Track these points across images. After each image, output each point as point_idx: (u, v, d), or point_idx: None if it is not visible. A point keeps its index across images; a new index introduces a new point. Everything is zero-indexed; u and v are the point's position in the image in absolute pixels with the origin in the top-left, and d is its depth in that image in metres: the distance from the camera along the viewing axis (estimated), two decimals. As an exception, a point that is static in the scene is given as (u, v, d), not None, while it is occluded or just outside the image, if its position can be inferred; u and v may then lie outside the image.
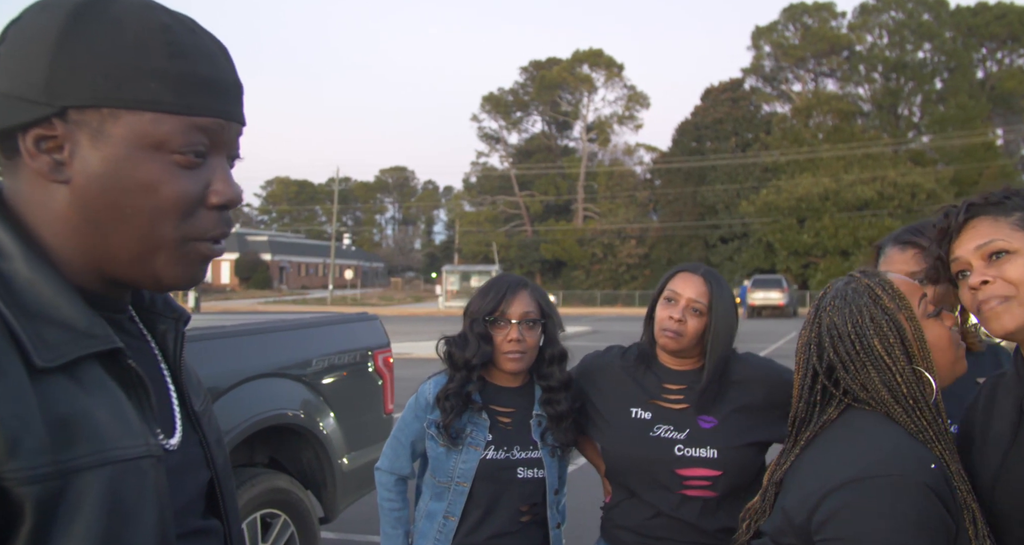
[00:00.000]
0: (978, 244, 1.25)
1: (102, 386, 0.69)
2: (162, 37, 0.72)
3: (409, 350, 14.19)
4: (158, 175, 0.72)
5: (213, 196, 0.75)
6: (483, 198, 56.31)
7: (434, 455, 1.98)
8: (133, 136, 0.71)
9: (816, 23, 49.00)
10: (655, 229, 47.44)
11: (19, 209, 0.72)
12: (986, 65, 48.39)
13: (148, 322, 0.84)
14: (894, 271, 1.69)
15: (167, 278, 0.75)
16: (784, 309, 29.13)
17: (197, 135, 0.73)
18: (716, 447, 1.83)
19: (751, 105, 49.58)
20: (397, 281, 66.86)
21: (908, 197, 39.74)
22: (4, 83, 0.70)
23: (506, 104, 56.44)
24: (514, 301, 1.96)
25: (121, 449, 0.67)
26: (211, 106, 0.74)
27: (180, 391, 0.83)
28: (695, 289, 1.89)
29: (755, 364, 1.98)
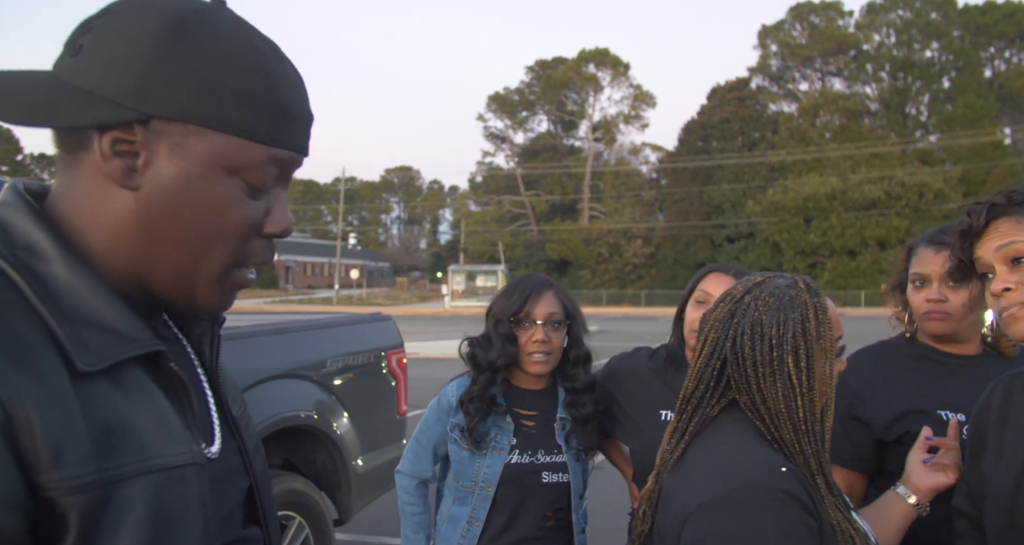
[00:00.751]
0: (999, 245, 1.23)
1: (145, 391, 0.67)
2: (258, 62, 0.71)
3: (416, 350, 14.19)
4: (227, 199, 0.71)
5: (270, 225, 0.75)
6: (489, 198, 56.32)
7: (457, 459, 1.94)
8: (214, 156, 0.69)
9: (823, 22, 48.87)
10: (661, 229, 47.35)
11: (66, 208, 0.70)
12: (994, 64, 48.18)
13: (182, 326, 0.82)
14: (927, 272, 1.69)
15: (201, 300, 0.74)
16: (791, 309, 28.96)
17: (272, 166, 0.73)
18: None
19: (758, 104, 49.46)
20: (403, 281, 66.93)
21: (916, 197, 39.61)
22: (88, 78, 0.67)
23: (512, 104, 56.44)
24: (539, 302, 1.93)
25: (165, 457, 0.65)
26: (291, 139, 0.74)
27: (217, 396, 0.81)
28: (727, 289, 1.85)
29: None
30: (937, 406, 1.66)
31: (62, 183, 0.71)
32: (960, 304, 1.65)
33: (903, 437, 1.68)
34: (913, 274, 1.74)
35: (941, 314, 1.67)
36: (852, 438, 1.75)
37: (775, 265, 40.93)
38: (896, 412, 1.69)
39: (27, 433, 0.58)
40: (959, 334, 1.71)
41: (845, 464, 1.78)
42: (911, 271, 1.75)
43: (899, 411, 1.69)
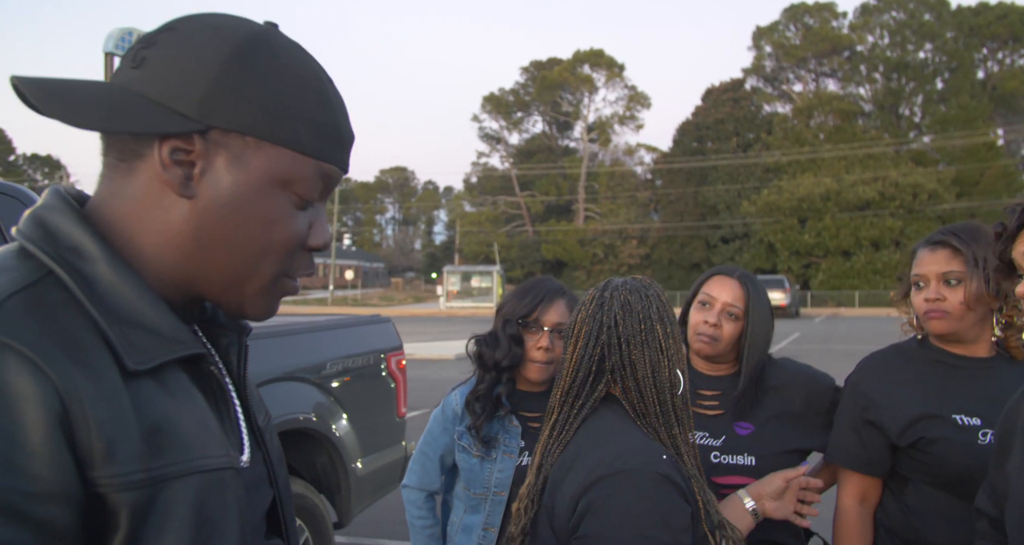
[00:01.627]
0: None
1: (187, 393, 0.69)
2: (317, 84, 0.75)
3: (412, 351, 14.16)
4: (279, 212, 0.73)
5: (313, 239, 0.77)
6: (484, 198, 56.31)
7: (467, 467, 1.92)
8: (270, 169, 0.72)
9: (817, 23, 48.99)
10: (656, 229, 47.41)
11: (115, 213, 0.71)
12: (987, 65, 48.36)
13: (210, 335, 0.83)
14: (924, 272, 1.70)
15: (251, 308, 0.76)
16: (786, 309, 29.05)
17: (320, 181, 0.76)
18: (754, 454, 1.78)
19: (752, 105, 49.56)
20: (398, 281, 66.85)
21: (910, 197, 39.74)
22: (152, 88, 0.69)
23: (507, 104, 56.45)
24: (550, 308, 1.91)
25: (206, 458, 0.66)
26: (337, 156, 0.77)
27: (245, 406, 0.81)
28: (731, 293, 1.83)
29: (792, 369, 1.92)
30: (952, 410, 1.66)
31: (111, 189, 0.72)
32: (958, 302, 1.65)
33: (918, 442, 1.67)
34: (913, 276, 1.74)
35: (940, 313, 1.67)
36: (866, 443, 1.75)
37: (770, 266, 41.05)
38: (910, 417, 1.68)
39: (83, 428, 0.59)
40: (963, 333, 1.70)
41: (859, 469, 1.77)
42: (912, 273, 1.75)
43: (913, 416, 1.68)
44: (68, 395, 0.59)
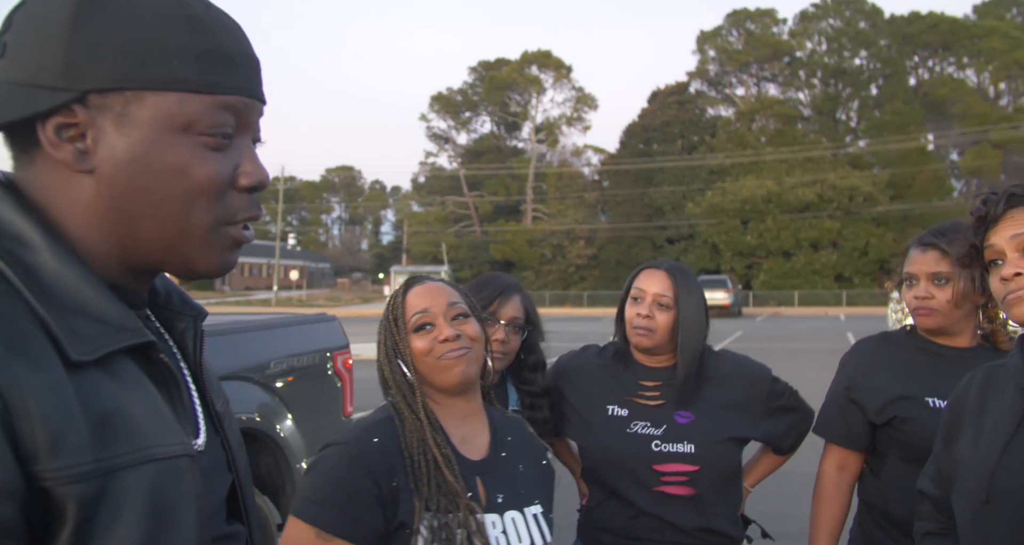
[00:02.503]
0: (1014, 233, 1.27)
1: (137, 381, 0.67)
2: (180, 11, 0.68)
3: (359, 351, 13.97)
4: (188, 158, 0.69)
5: (243, 178, 0.73)
6: (432, 198, 56.10)
7: None
8: (160, 118, 0.68)
9: (759, 29, 50.21)
10: (604, 230, 47.91)
11: (40, 200, 0.69)
12: (919, 72, 50.25)
13: (165, 320, 0.81)
14: (915, 271, 1.83)
15: (200, 264, 0.73)
16: (729, 309, 29.69)
17: (224, 115, 0.71)
18: (693, 442, 1.84)
19: (697, 108, 50.50)
20: (344, 282, 66.09)
21: (847, 199, 41.04)
22: (17, 72, 0.66)
23: (455, 104, 56.34)
24: (508, 303, 1.95)
25: (160, 447, 0.64)
26: (236, 84, 0.72)
27: (201, 392, 0.80)
28: (659, 284, 1.90)
29: (732, 360, 1.99)
30: (926, 393, 1.79)
31: (24, 181, 0.70)
32: (945, 300, 1.78)
33: (892, 420, 1.81)
34: (905, 273, 1.87)
35: (928, 310, 1.81)
36: (848, 419, 1.90)
37: (714, 266, 41.89)
38: (888, 397, 1.82)
39: (25, 421, 0.57)
40: (949, 328, 1.83)
41: (841, 442, 1.93)
42: (903, 271, 1.88)
43: (891, 397, 1.82)
44: (8, 390, 0.57)
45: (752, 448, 2.05)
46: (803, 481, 2.06)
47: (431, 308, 1.44)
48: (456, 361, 1.41)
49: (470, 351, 1.43)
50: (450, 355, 1.41)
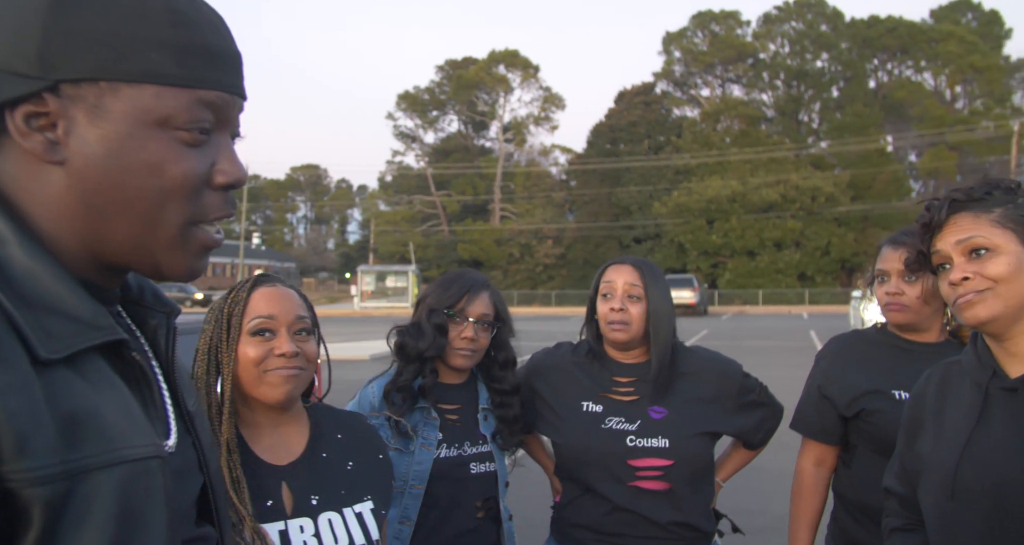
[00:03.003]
0: (958, 239, 1.30)
1: (107, 381, 0.64)
2: (162, 3, 0.66)
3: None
4: (163, 154, 0.67)
5: (219, 175, 0.71)
6: (399, 197, 55.77)
7: None
8: (135, 112, 0.65)
9: (723, 31, 50.80)
10: (571, 229, 48.07)
11: (8, 192, 0.66)
12: (878, 75, 51.29)
13: (136, 317, 0.78)
14: (887, 268, 1.89)
15: (168, 267, 0.71)
16: (695, 307, 29.99)
17: (203, 111, 0.69)
18: (667, 437, 1.85)
19: (663, 108, 50.92)
20: (310, 282, 65.42)
21: (809, 200, 41.71)
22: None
23: (422, 103, 56.09)
24: (476, 300, 1.93)
25: (131, 448, 0.62)
26: (217, 79, 0.70)
27: (173, 390, 0.78)
28: (627, 276, 1.92)
29: (704, 356, 2.01)
30: (892, 386, 1.84)
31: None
32: (915, 296, 1.84)
33: (860, 413, 1.87)
34: (877, 271, 1.93)
35: (899, 306, 1.86)
36: (821, 414, 1.96)
37: (680, 265, 42.28)
38: (856, 392, 1.88)
39: None
40: (919, 324, 1.89)
41: (815, 436, 1.99)
42: (875, 268, 1.93)
43: (859, 391, 1.88)
44: None
45: (723, 443, 2.07)
46: (772, 477, 2.09)
47: (277, 316, 1.35)
48: (284, 381, 1.34)
49: (302, 372, 1.36)
50: (280, 372, 1.33)
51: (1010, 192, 1.31)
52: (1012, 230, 1.26)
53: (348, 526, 1.36)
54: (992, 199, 1.30)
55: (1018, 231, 1.27)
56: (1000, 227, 1.27)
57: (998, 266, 1.25)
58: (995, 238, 1.26)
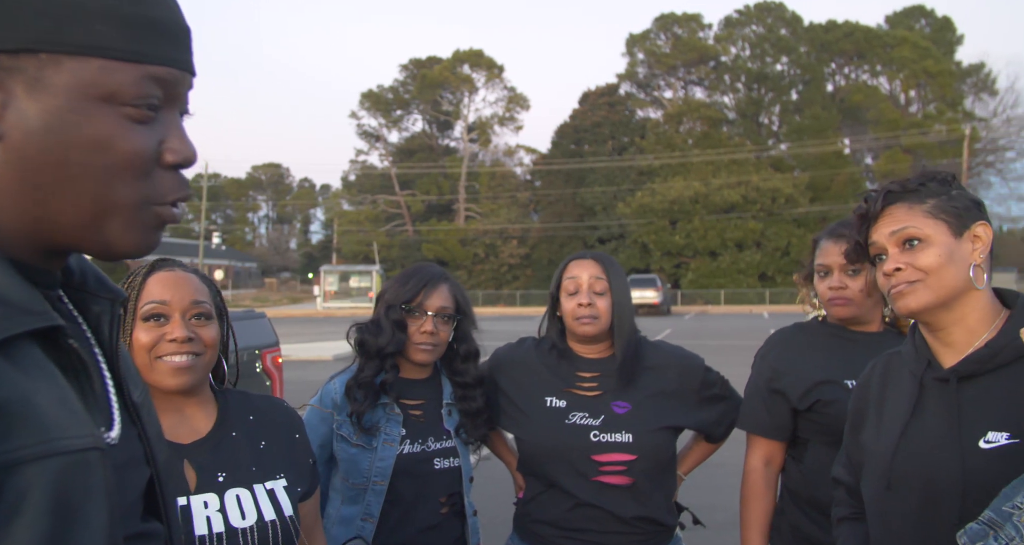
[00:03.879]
0: (892, 230, 1.32)
1: (42, 368, 0.60)
2: None
3: (288, 352, 13.67)
4: (109, 130, 0.64)
5: (169, 154, 0.68)
6: (363, 197, 55.32)
7: (346, 457, 1.87)
8: (79, 86, 0.62)
9: (685, 33, 51.34)
10: (536, 230, 48.17)
11: None
12: (835, 79, 52.31)
13: (79, 303, 0.74)
14: (829, 262, 1.87)
15: (120, 245, 0.67)
16: (659, 307, 30.27)
17: (151, 86, 0.66)
18: (631, 431, 1.86)
19: (627, 110, 51.30)
20: (272, 282, 64.50)
21: (769, 201, 42.38)
22: None
23: (386, 102, 55.71)
24: (434, 293, 1.92)
25: (67, 439, 0.58)
26: (165, 54, 0.66)
27: (117, 380, 0.74)
28: (591, 271, 1.93)
29: (667, 350, 2.03)
30: (844, 376, 1.84)
31: None
32: (858, 290, 1.83)
33: (815, 404, 1.85)
34: (818, 265, 1.91)
35: (843, 300, 1.85)
36: (771, 410, 1.92)
37: (644, 265, 42.65)
38: (810, 383, 1.86)
39: None
40: (862, 316, 1.89)
41: (766, 434, 1.94)
42: (816, 262, 1.92)
43: (812, 382, 1.86)
44: None
45: (684, 437, 2.09)
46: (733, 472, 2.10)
47: (170, 301, 1.33)
48: (176, 371, 1.32)
49: (199, 358, 1.34)
50: (171, 360, 1.32)
51: (945, 184, 1.34)
52: (944, 221, 1.29)
53: (258, 502, 1.36)
54: (926, 190, 1.33)
55: (950, 222, 1.29)
56: (932, 218, 1.30)
57: (928, 257, 1.27)
58: (927, 229, 1.29)
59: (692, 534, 2.11)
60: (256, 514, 1.35)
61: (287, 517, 1.38)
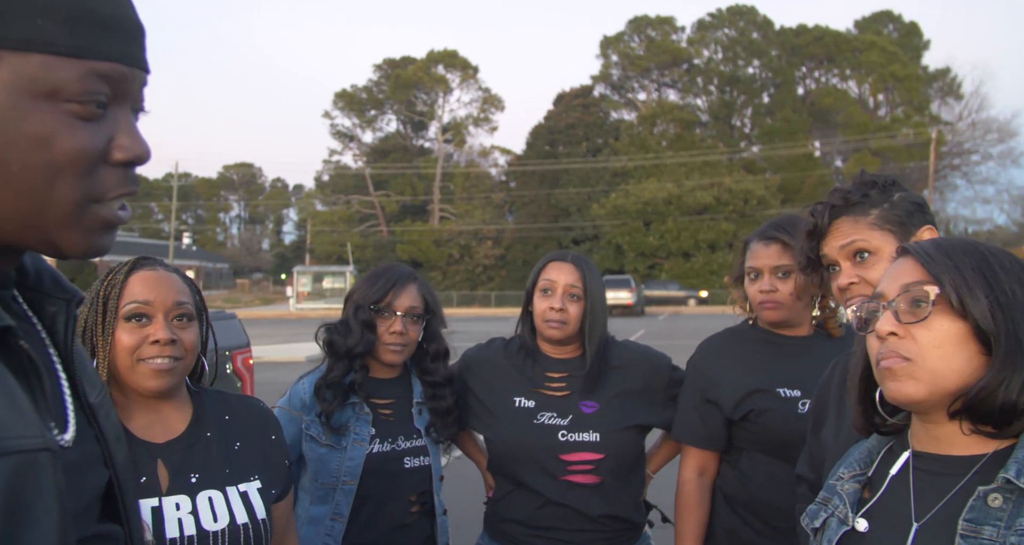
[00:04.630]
0: (841, 244, 1.36)
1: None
2: None
3: (260, 354, 13.53)
4: (52, 127, 0.62)
5: (117, 151, 0.66)
6: (336, 197, 54.94)
7: (315, 457, 1.87)
8: (19, 82, 0.61)
9: (659, 36, 51.71)
10: (511, 231, 48.20)
11: None
12: (806, 83, 53.01)
13: (34, 303, 0.73)
14: (759, 265, 1.85)
15: (67, 246, 0.66)
16: (632, 308, 30.44)
17: (97, 83, 0.64)
18: (598, 431, 1.87)
19: (601, 111, 51.52)
20: (244, 283, 63.81)
21: (741, 202, 42.82)
22: None
23: (360, 102, 55.39)
24: (402, 293, 1.92)
25: (15, 439, 0.57)
26: (112, 50, 0.65)
27: (72, 381, 0.73)
28: (569, 275, 1.93)
29: (633, 349, 2.05)
30: (776, 384, 1.83)
31: None
32: (788, 293, 1.82)
33: (748, 414, 1.83)
34: (748, 268, 1.89)
35: (774, 303, 1.84)
36: (706, 420, 1.89)
37: (618, 266, 42.85)
38: (743, 392, 1.84)
39: None
40: (792, 319, 1.88)
41: (700, 444, 1.92)
42: (746, 265, 1.91)
43: (745, 391, 1.84)
44: None
45: (654, 436, 2.12)
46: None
47: (154, 301, 1.32)
48: (157, 374, 1.31)
49: (179, 362, 1.34)
50: (154, 363, 1.31)
51: (885, 190, 1.36)
52: (890, 231, 1.32)
53: (231, 504, 1.35)
54: (869, 200, 1.36)
55: (895, 231, 1.32)
56: (879, 229, 1.33)
57: (878, 271, 1.31)
58: (874, 241, 1.33)
59: (661, 532, 2.14)
60: (228, 517, 1.34)
61: (259, 520, 1.38)
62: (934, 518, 0.97)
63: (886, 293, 1.02)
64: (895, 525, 1.00)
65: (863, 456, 1.11)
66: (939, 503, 0.97)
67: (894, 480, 1.04)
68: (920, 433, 1.04)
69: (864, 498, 1.06)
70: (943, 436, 1.00)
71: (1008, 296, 0.95)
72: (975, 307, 0.94)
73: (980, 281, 0.96)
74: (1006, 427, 0.95)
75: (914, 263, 1.01)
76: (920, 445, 1.03)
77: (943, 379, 0.95)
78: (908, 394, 0.97)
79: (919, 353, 0.96)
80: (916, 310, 0.98)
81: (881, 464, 1.08)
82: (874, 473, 1.08)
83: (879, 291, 1.04)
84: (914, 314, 0.97)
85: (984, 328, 0.94)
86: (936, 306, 0.96)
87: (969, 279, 0.96)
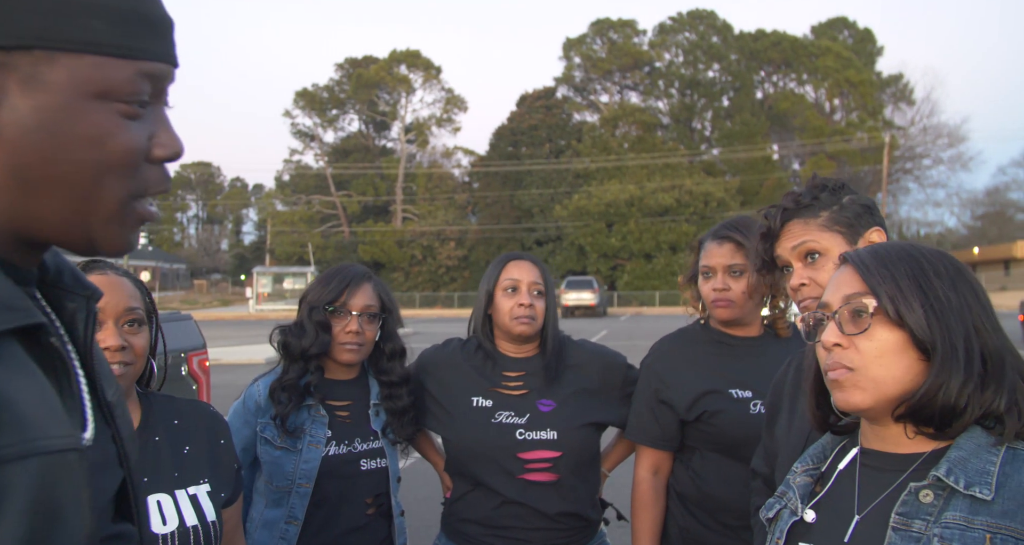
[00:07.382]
0: (793, 245, 1.40)
1: (23, 367, 0.59)
2: None
3: (218, 356, 13.35)
4: (104, 128, 0.63)
5: (158, 148, 0.68)
6: (297, 197, 54.28)
7: (269, 460, 1.85)
8: (74, 83, 0.62)
9: (621, 39, 52.16)
10: (474, 231, 48.14)
11: None
12: (764, 87, 53.95)
13: (53, 300, 0.73)
14: (712, 264, 1.88)
15: (104, 242, 0.67)
16: (595, 309, 30.64)
17: (143, 82, 0.66)
18: (556, 429, 1.89)
19: (563, 113, 51.74)
20: (201, 284, 62.69)
21: (702, 204, 43.38)
22: None
23: (321, 101, 54.83)
24: (357, 292, 1.91)
25: (47, 439, 0.57)
26: (157, 49, 0.67)
27: (91, 379, 0.72)
28: (531, 273, 1.97)
29: (589, 348, 2.07)
30: (728, 386, 1.86)
31: None
32: (741, 291, 1.85)
33: (702, 415, 1.86)
34: (702, 267, 1.92)
35: (726, 302, 1.86)
36: (660, 421, 1.91)
37: (581, 267, 43.10)
38: (695, 394, 1.87)
39: None
40: (743, 318, 1.91)
41: (655, 445, 1.94)
42: (700, 264, 1.93)
43: (698, 392, 1.86)
44: None
45: (608, 435, 2.14)
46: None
47: (104, 307, 1.31)
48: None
49: (129, 368, 1.34)
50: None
51: (836, 193, 1.41)
52: (839, 232, 1.36)
53: (180, 507, 1.36)
54: (819, 203, 1.40)
55: (844, 232, 1.36)
56: (828, 231, 1.37)
57: (828, 272, 1.35)
58: (824, 241, 1.37)
59: (616, 529, 2.16)
60: (178, 519, 1.34)
61: (209, 522, 1.37)
62: (872, 511, 1.03)
63: (830, 303, 1.07)
64: (839, 517, 1.06)
65: (817, 451, 1.17)
66: (878, 498, 1.03)
67: (841, 474, 1.10)
68: (868, 432, 1.09)
69: (815, 491, 1.12)
70: (889, 436, 1.06)
71: (943, 303, 0.99)
72: (911, 317, 0.99)
73: (915, 290, 1.00)
74: (947, 428, 1.00)
75: (853, 273, 1.06)
76: (868, 443, 1.09)
77: (886, 387, 1.00)
78: (854, 404, 1.03)
79: (862, 363, 1.01)
80: (858, 321, 1.02)
81: (834, 460, 1.14)
82: (827, 468, 1.14)
83: (824, 301, 1.09)
84: (856, 325, 1.02)
85: (920, 337, 0.98)
86: (875, 317, 1.01)
87: (904, 289, 1.00)
